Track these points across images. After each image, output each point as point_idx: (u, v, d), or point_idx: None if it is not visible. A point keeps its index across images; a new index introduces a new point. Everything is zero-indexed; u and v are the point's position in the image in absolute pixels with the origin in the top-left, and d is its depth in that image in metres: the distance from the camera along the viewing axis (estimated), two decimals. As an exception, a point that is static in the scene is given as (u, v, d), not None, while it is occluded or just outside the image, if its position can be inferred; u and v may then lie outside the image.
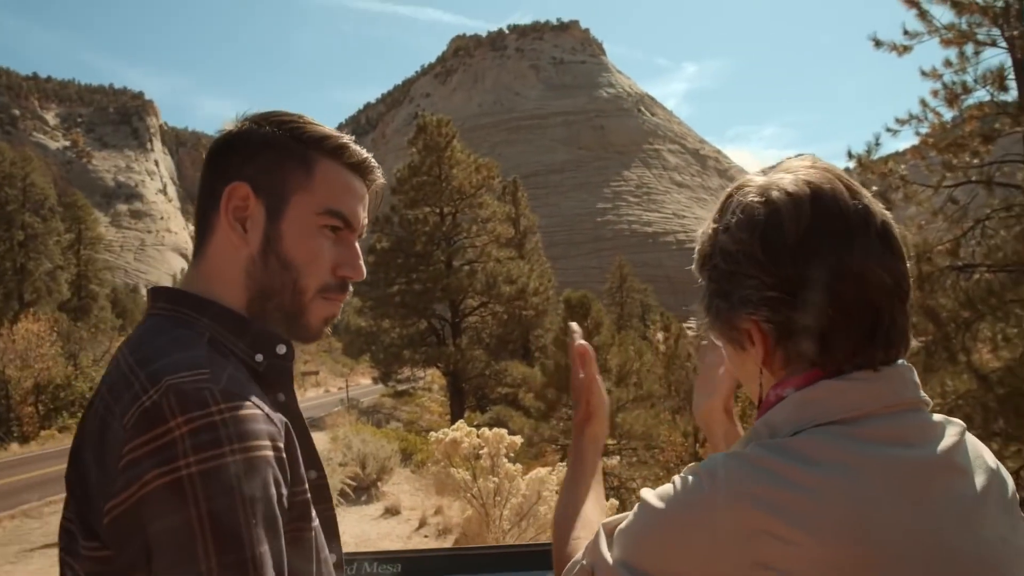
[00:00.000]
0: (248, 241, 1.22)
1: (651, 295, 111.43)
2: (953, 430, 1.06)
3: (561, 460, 18.62)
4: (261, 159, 1.23)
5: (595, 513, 1.36)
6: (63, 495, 1.16)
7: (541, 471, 9.27)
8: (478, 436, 9.03)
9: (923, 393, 1.07)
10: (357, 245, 1.31)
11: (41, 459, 22.33)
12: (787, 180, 1.08)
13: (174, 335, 1.14)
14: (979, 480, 1.03)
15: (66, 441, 28.21)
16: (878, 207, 1.10)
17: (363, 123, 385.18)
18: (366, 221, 1.33)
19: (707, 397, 1.55)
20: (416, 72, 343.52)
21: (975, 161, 14.04)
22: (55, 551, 1.13)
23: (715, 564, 0.96)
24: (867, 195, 1.10)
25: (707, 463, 1.02)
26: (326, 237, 1.25)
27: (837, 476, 0.95)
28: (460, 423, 9.71)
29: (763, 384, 1.14)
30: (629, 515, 1.09)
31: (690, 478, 1.02)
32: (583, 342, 1.53)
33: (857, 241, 1.03)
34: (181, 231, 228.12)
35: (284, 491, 1.06)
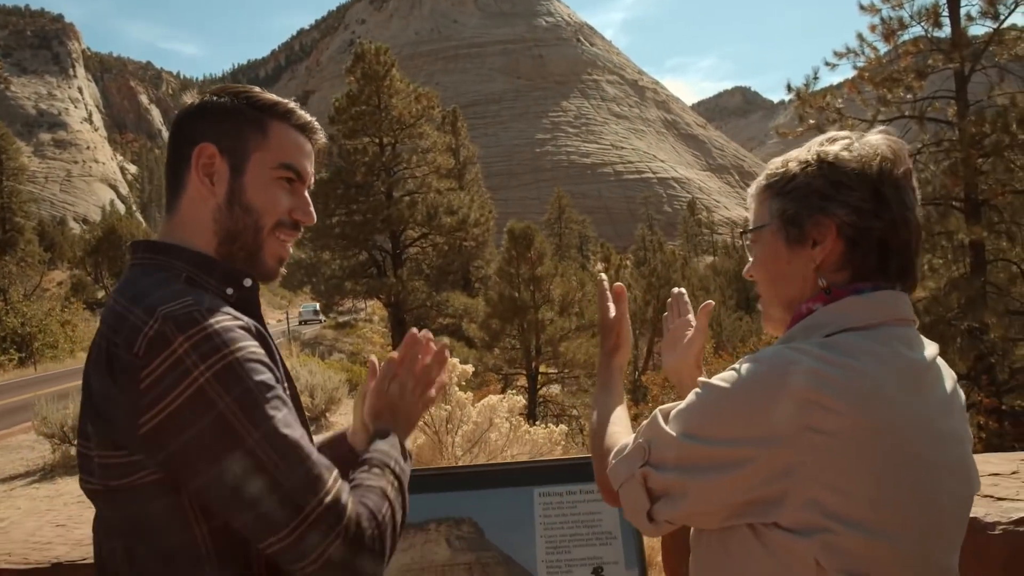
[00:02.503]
0: (215, 193, 1.45)
1: (589, 226, 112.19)
2: (932, 346, 1.41)
3: (503, 390, 19.00)
4: (224, 124, 1.46)
5: (624, 420, 1.62)
6: (2, 431, 1.39)
7: (492, 398, 9.48)
8: (430, 365, 9.17)
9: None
10: (307, 195, 1.55)
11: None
12: (885, 141, 1.41)
13: (156, 277, 1.37)
14: (949, 384, 1.39)
15: (-1, 376, 27.73)
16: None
17: (297, 50, 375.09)
18: (313, 174, 1.57)
19: (677, 355, 1.84)
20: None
21: (908, 96, 14.43)
22: None
23: (773, 428, 1.22)
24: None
25: (764, 353, 1.30)
26: (282, 188, 1.49)
27: (867, 365, 1.25)
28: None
29: (802, 285, 1.42)
30: (685, 400, 1.35)
31: (750, 364, 1.29)
32: (618, 283, 1.79)
33: (911, 194, 1.40)
34: (109, 161, 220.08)
35: (277, 377, 1.33)
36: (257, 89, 1.53)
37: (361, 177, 35.46)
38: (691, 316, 1.88)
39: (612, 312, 1.78)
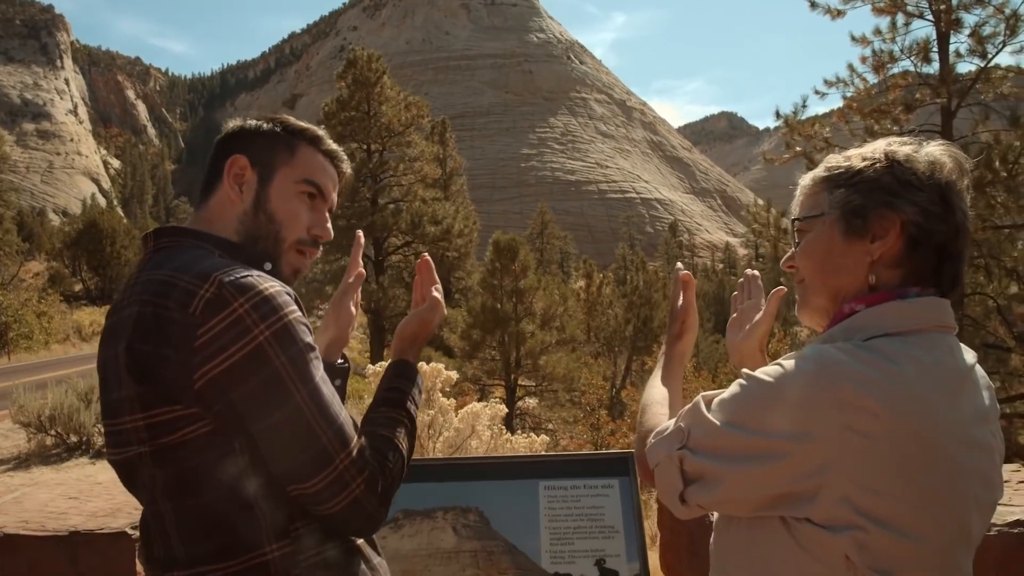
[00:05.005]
0: (243, 199, 1.60)
1: (571, 243, 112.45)
2: (972, 354, 1.44)
3: (480, 400, 18.98)
4: (258, 142, 1.64)
5: (673, 403, 1.66)
6: None
7: (476, 405, 9.50)
8: (415, 370, 9.18)
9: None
10: (327, 214, 1.70)
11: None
12: (950, 151, 1.45)
13: (196, 253, 1.48)
14: (986, 394, 1.42)
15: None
16: None
17: (287, 53, 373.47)
18: (335, 199, 1.73)
19: (743, 334, 1.87)
20: (344, 3, 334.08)
21: (895, 128, 14.62)
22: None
23: (812, 425, 1.26)
24: None
25: (808, 351, 1.33)
26: (303, 203, 1.64)
27: (909, 370, 1.28)
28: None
29: (851, 278, 1.44)
30: (727, 390, 1.39)
31: (794, 361, 1.32)
32: (687, 272, 1.83)
33: (964, 205, 1.42)
34: (92, 154, 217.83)
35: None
36: (292, 119, 1.70)
37: (346, 186, 35.31)
38: (761, 299, 1.91)
39: (681, 300, 1.82)
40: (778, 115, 16.28)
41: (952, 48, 13.77)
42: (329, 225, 1.70)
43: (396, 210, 35.78)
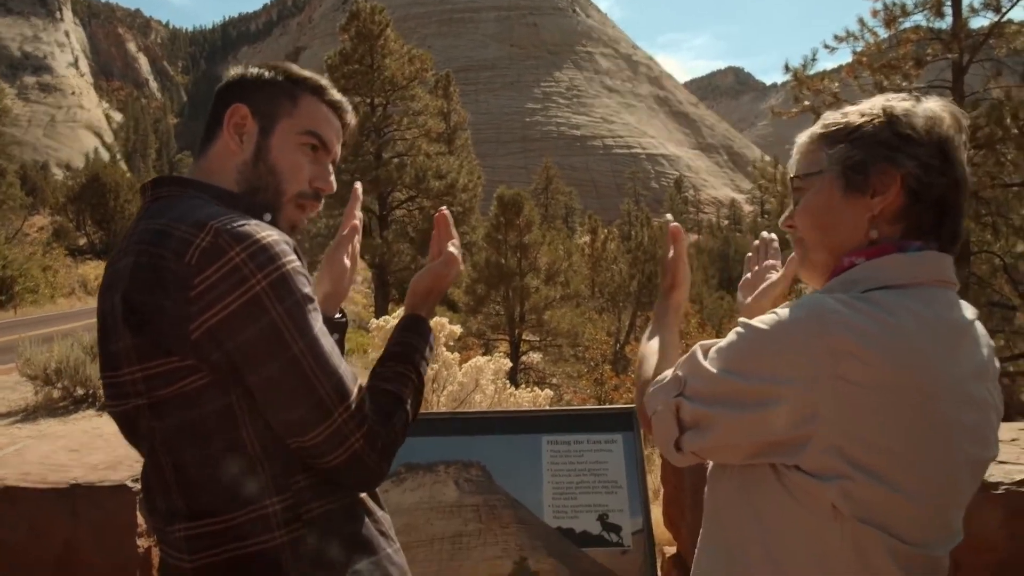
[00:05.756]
0: (243, 149, 1.55)
1: (576, 198, 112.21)
2: (972, 310, 1.42)
3: (484, 354, 19.06)
4: (260, 91, 1.58)
5: (670, 354, 1.64)
6: None
7: (480, 359, 9.50)
8: (419, 324, 9.17)
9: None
10: (330, 166, 1.65)
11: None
12: (948, 106, 1.43)
13: (193, 202, 1.43)
14: (985, 350, 1.40)
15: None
16: None
17: (289, 5, 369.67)
18: (339, 150, 1.68)
19: (756, 294, 1.88)
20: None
21: (905, 84, 14.46)
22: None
23: (805, 371, 1.25)
24: None
25: (805, 299, 1.32)
26: (305, 154, 1.58)
27: (904, 321, 1.27)
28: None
29: (851, 234, 1.42)
30: (725, 339, 1.39)
31: (791, 309, 1.31)
32: (676, 224, 1.80)
33: (963, 159, 1.40)
34: (94, 108, 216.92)
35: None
36: (296, 67, 1.65)
37: (351, 137, 35.16)
38: (776, 262, 1.91)
39: (672, 252, 1.81)
40: (787, 68, 16.10)
41: (965, 2, 13.56)
42: (332, 178, 1.64)
43: (400, 164, 35.60)
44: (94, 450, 2.79)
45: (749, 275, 1.94)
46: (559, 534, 2.48)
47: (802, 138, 1.53)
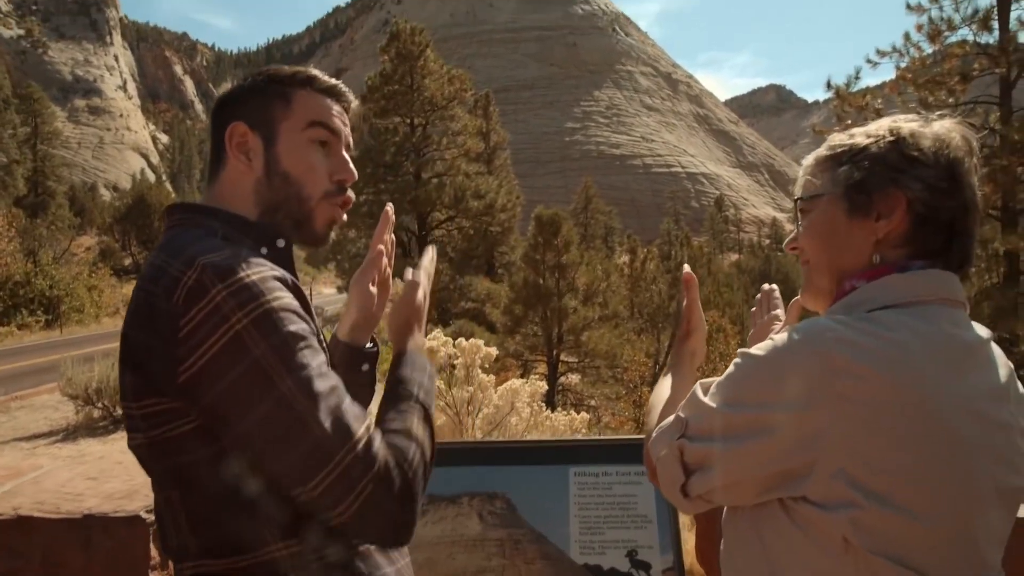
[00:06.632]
0: (253, 168, 1.49)
1: (615, 218, 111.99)
2: (985, 331, 1.37)
3: (522, 376, 18.99)
4: (251, 102, 1.52)
5: (681, 400, 1.56)
6: (28, 390, 1.39)
7: (515, 382, 9.44)
8: (454, 346, 9.14)
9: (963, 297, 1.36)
10: (345, 153, 1.57)
11: (2, 356, 22.09)
12: (958, 126, 1.40)
13: (194, 234, 1.38)
14: (1003, 372, 1.34)
15: (24, 339, 28.00)
16: None
17: (332, 27, 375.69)
18: (349, 134, 1.58)
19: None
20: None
21: (950, 100, 14.20)
22: (23, 444, 1.34)
23: (802, 393, 1.21)
24: None
25: (802, 323, 1.29)
26: (315, 150, 1.51)
27: (903, 336, 1.23)
28: (436, 332, 9.79)
29: (856, 258, 1.39)
30: (725, 373, 1.33)
31: (788, 334, 1.28)
32: (689, 272, 1.75)
33: (973, 181, 1.37)
34: (141, 130, 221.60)
35: (312, 328, 1.33)
36: (278, 66, 1.58)
37: (390, 157, 35.48)
38: (780, 311, 1.89)
39: (685, 301, 1.77)
40: (829, 85, 15.96)
41: (1014, 15, 13.34)
42: (350, 165, 1.56)
43: (439, 185, 35.79)
44: (112, 477, 2.74)
45: (754, 330, 1.91)
46: (586, 571, 2.37)
47: (808, 160, 1.50)
